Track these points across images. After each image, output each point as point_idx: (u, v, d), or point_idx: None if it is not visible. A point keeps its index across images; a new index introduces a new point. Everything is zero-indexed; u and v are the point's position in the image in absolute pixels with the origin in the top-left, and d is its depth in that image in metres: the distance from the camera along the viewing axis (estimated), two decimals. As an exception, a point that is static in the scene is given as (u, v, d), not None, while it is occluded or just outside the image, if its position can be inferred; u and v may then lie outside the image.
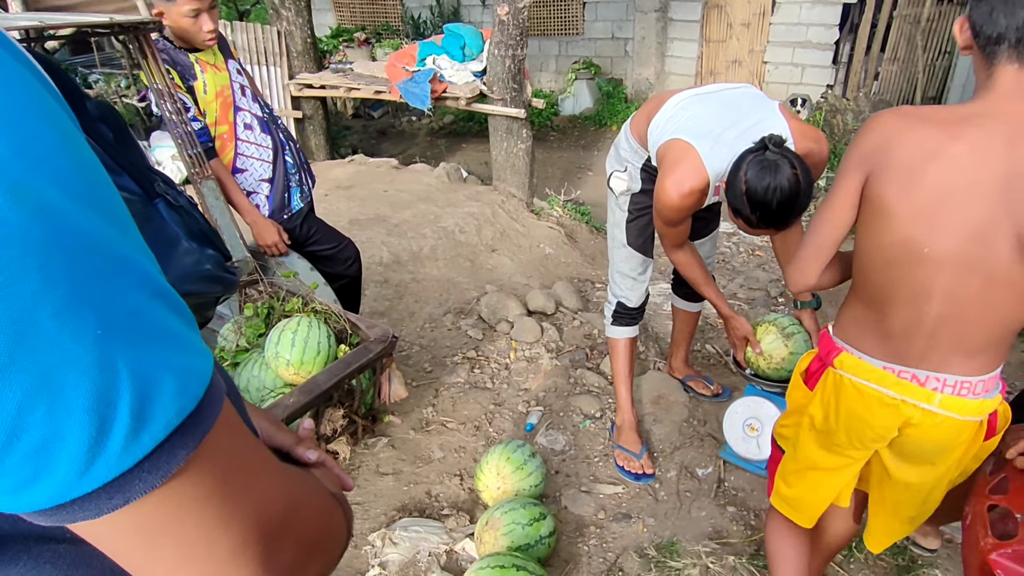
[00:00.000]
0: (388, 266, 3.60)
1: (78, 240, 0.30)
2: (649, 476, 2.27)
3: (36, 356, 0.28)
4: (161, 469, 0.32)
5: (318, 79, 5.27)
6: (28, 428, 0.28)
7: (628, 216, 2.15)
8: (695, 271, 2.04)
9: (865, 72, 7.00)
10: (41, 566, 0.38)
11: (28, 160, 0.29)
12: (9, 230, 0.27)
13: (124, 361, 0.31)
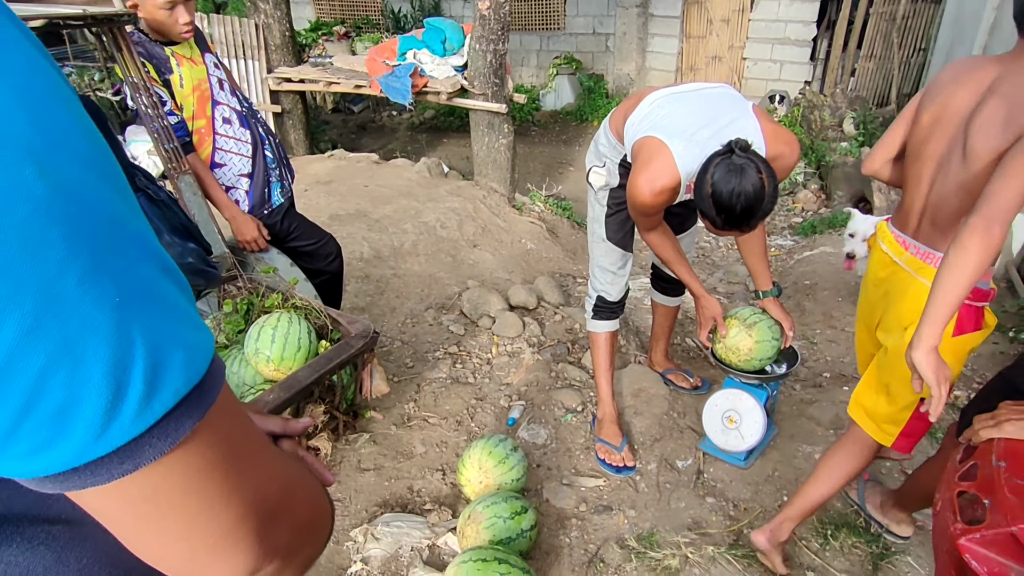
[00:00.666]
0: (369, 262, 3.59)
1: (97, 212, 0.31)
2: (630, 469, 2.29)
3: (60, 321, 0.29)
4: (169, 436, 0.33)
5: (297, 73, 5.21)
6: (49, 392, 0.29)
7: (607, 211, 2.16)
8: (668, 250, 2.06)
9: (842, 68, 7.09)
10: (35, 548, 0.38)
11: (49, 135, 0.30)
12: (36, 201, 0.28)
13: (139, 330, 0.32)
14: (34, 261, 0.28)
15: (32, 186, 0.28)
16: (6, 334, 0.28)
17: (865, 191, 4.71)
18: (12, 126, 0.28)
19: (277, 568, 0.42)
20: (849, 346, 3.08)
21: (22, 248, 0.28)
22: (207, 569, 0.39)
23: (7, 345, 0.28)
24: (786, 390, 2.72)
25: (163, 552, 0.37)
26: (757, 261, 2.14)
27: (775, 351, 2.12)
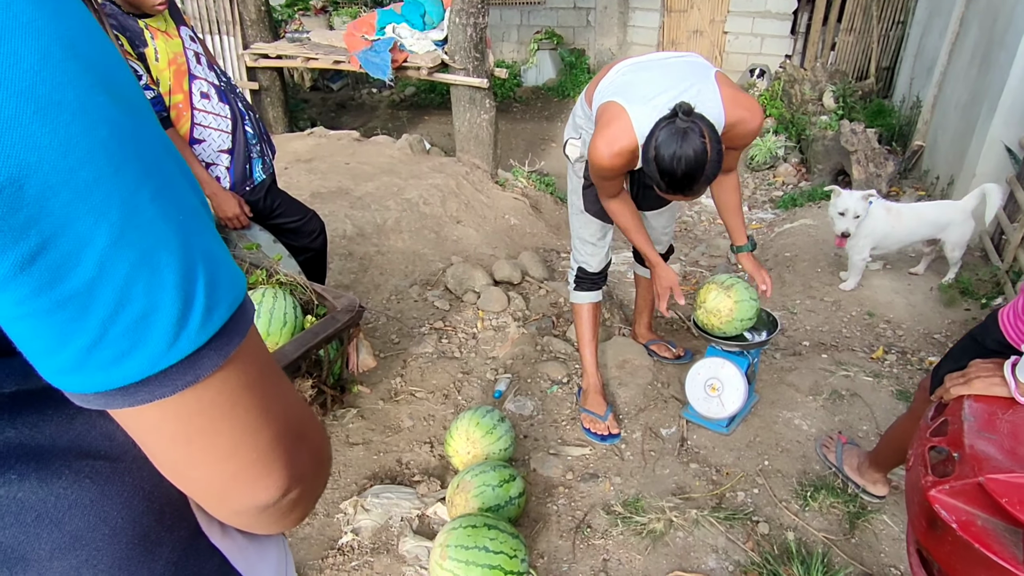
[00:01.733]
0: (352, 239, 3.57)
1: (157, 138, 0.34)
2: (614, 437, 2.33)
3: (140, 233, 0.32)
4: (223, 350, 0.36)
5: (274, 49, 5.12)
6: (132, 299, 0.32)
7: (584, 183, 2.18)
8: (627, 219, 2.09)
9: (822, 42, 7.11)
10: (81, 481, 0.40)
11: (112, 66, 0.33)
12: (113, 124, 0.31)
13: (198, 248, 0.35)
14: (117, 177, 0.31)
15: (108, 110, 0.31)
16: (99, 241, 0.30)
17: (844, 164, 4.76)
18: (88, 55, 0.31)
19: (299, 495, 0.45)
20: (828, 315, 3.14)
21: (108, 164, 0.31)
22: (247, 488, 0.41)
23: (99, 252, 0.30)
24: (767, 358, 2.78)
25: (208, 471, 0.40)
26: (731, 216, 2.20)
27: (755, 310, 2.17)
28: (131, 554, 0.42)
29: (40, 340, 0.31)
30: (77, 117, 0.30)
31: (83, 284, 0.30)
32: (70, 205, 0.29)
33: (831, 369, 2.65)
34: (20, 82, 0.28)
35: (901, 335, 2.97)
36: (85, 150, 0.30)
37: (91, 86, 0.31)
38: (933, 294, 3.21)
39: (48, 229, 0.29)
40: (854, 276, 3.26)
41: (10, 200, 0.28)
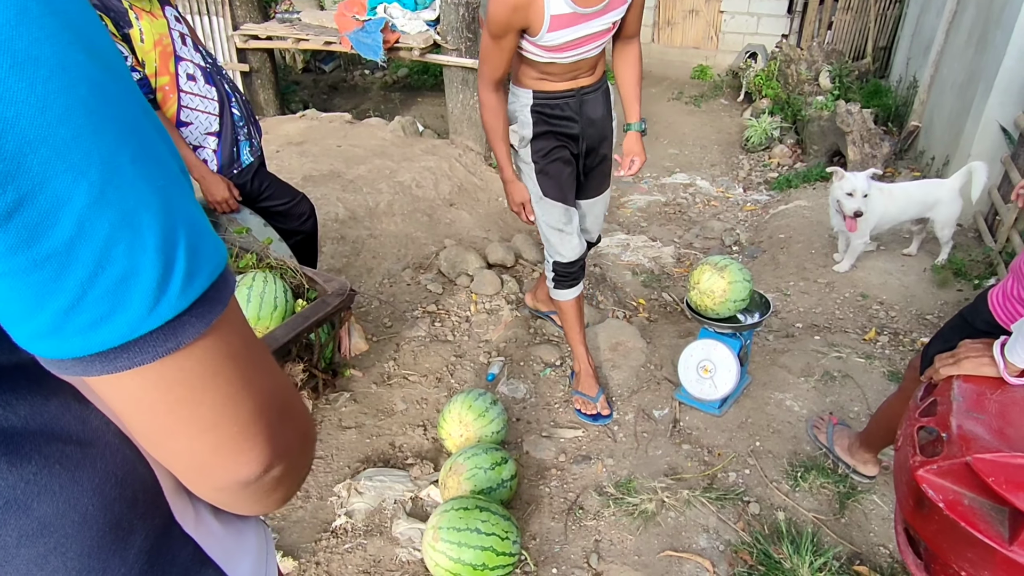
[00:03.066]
0: (344, 222, 3.55)
1: (137, 100, 0.34)
2: (606, 417, 2.34)
3: (120, 193, 0.31)
4: (204, 318, 0.36)
5: (264, 30, 5.04)
6: (112, 260, 0.32)
7: (536, 167, 2.14)
8: (496, 120, 2.05)
9: (819, 21, 7.05)
10: (51, 466, 0.39)
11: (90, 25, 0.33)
12: (92, 82, 0.31)
13: (180, 212, 0.35)
14: (96, 136, 0.31)
15: (87, 68, 0.31)
16: (78, 200, 0.30)
17: (840, 145, 4.74)
18: (67, 12, 0.31)
19: (282, 472, 0.44)
20: (821, 297, 3.14)
21: (87, 122, 0.30)
22: (228, 462, 0.41)
23: (78, 211, 0.30)
24: (759, 340, 2.78)
25: (189, 444, 0.39)
26: (629, 91, 2.18)
27: (748, 292, 2.17)
28: (102, 542, 0.42)
29: (16, 302, 0.31)
30: (55, 73, 0.29)
31: (61, 243, 0.30)
32: (48, 162, 0.29)
33: (823, 351, 2.66)
34: None
35: (894, 316, 2.97)
36: (63, 107, 0.30)
37: (69, 43, 0.30)
38: (926, 275, 3.21)
39: (25, 186, 0.29)
40: (850, 258, 3.26)
41: None
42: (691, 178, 4.99)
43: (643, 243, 3.73)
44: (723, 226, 4.09)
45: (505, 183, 2.17)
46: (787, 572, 1.73)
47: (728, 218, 4.28)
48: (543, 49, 1.88)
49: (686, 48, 7.89)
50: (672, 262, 3.57)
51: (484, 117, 2.06)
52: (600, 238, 2.55)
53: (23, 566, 0.39)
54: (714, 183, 4.92)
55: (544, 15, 1.76)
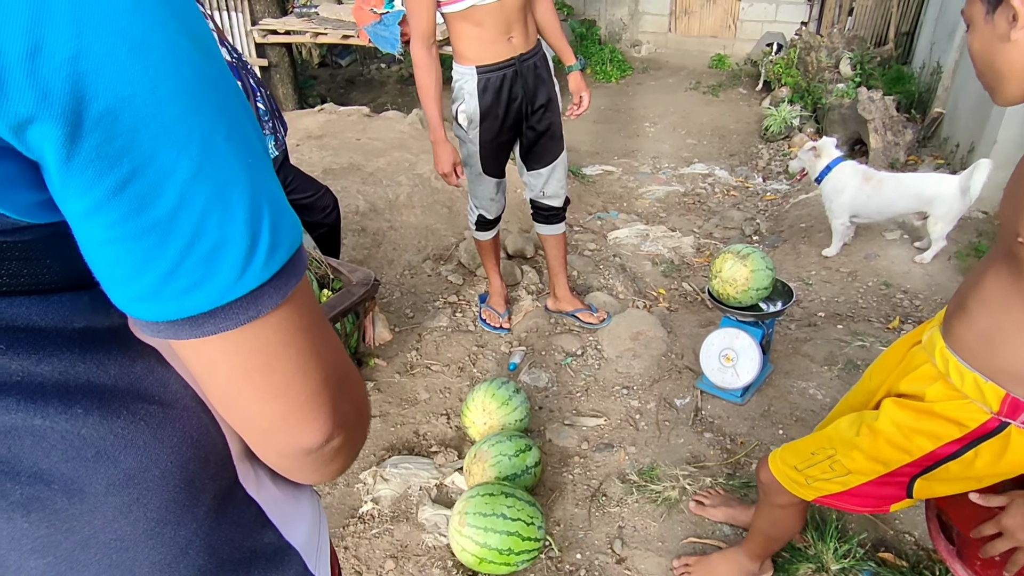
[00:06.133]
0: (365, 215, 3.58)
1: (230, 84, 0.37)
2: (505, 330, 2.75)
3: (215, 168, 0.34)
4: (282, 289, 0.38)
5: (282, 24, 5.09)
6: (207, 231, 0.34)
7: (480, 149, 2.28)
8: (428, 79, 2.12)
9: (839, 7, 6.94)
10: (136, 423, 0.42)
11: (192, 14, 0.35)
12: (195, 65, 0.34)
13: (264, 189, 0.37)
14: (197, 115, 0.33)
15: (191, 53, 0.33)
16: (180, 173, 0.33)
17: (861, 133, 4.68)
18: (177, 6, 0.33)
19: (341, 443, 0.46)
20: (844, 286, 3.12)
21: (190, 101, 0.33)
22: (295, 429, 0.43)
23: (180, 183, 0.33)
24: (781, 329, 2.77)
25: (260, 409, 0.41)
26: (557, 38, 2.37)
27: (770, 280, 2.16)
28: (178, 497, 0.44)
29: (122, 266, 0.34)
30: (165, 57, 0.32)
31: (165, 213, 0.33)
32: (157, 137, 0.32)
33: (846, 339, 2.64)
34: (117, 22, 0.30)
35: (918, 305, 2.94)
36: (171, 87, 0.32)
37: (176, 30, 0.33)
38: (951, 263, 3.17)
39: (138, 158, 0.32)
40: (836, 241, 3.27)
41: (107, 129, 0.31)
42: (710, 168, 4.96)
43: (662, 233, 3.71)
44: (743, 216, 4.06)
45: (435, 144, 2.24)
46: (811, 559, 1.73)
47: (748, 207, 4.25)
48: None
49: (703, 37, 7.81)
50: (692, 252, 3.56)
51: (416, 76, 2.15)
52: (568, 200, 2.62)
53: (109, 513, 0.42)
54: (733, 173, 4.88)
55: None
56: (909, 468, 1.12)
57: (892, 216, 3.20)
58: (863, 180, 3.04)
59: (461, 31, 2.09)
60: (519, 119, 2.28)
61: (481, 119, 2.20)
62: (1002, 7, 0.85)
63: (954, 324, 1.07)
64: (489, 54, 2.11)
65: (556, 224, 2.62)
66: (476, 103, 2.17)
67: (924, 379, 1.10)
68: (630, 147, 5.57)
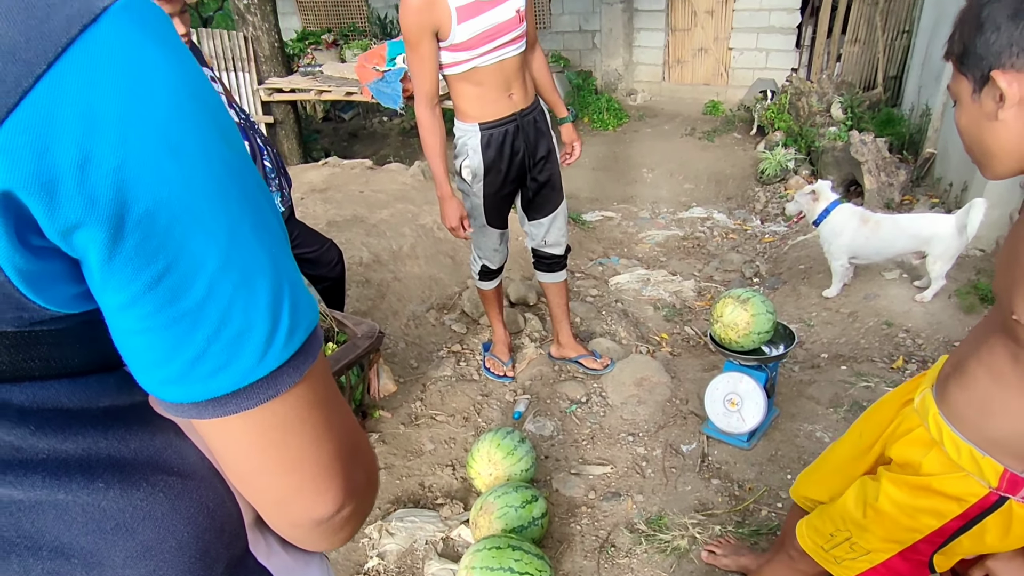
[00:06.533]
0: (369, 266, 3.63)
1: (253, 174, 0.40)
2: (509, 378, 2.78)
3: (241, 257, 0.36)
4: (299, 368, 0.40)
5: (288, 83, 5.25)
6: (232, 317, 0.36)
7: (483, 201, 2.34)
8: (433, 138, 2.19)
9: (828, 54, 7.15)
10: (155, 494, 0.43)
11: (220, 108, 0.38)
12: (226, 162, 0.37)
13: (285, 273, 0.39)
14: (226, 208, 0.36)
15: (221, 149, 0.36)
16: (210, 265, 0.35)
17: (855, 175, 4.76)
18: (206, 101, 0.36)
19: (351, 512, 0.48)
20: (845, 327, 3.13)
21: (220, 196, 0.36)
22: (308, 501, 0.44)
23: (210, 274, 0.35)
24: (785, 372, 2.77)
25: (275, 481, 0.43)
26: (550, 94, 2.44)
27: (771, 323, 2.18)
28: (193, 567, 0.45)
29: (153, 353, 0.36)
30: (198, 155, 0.35)
31: (195, 303, 0.35)
32: (189, 232, 0.34)
33: (851, 380, 2.64)
34: (158, 129, 0.33)
35: (921, 344, 2.95)
36: (203, 183, 0.35)
37: (209, 129, 0.36)
38: (952, 301, 3.19)
39: (172, 253, 0.34)
40: (836, 282, 3.30)
41: (146, 229, 0.33)
42: (708, 211, 5.03)
43: (663, 278, 3.75)
44: (742, 258, 4.10)
45: (441, 199, 2.28)
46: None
47: (747, 250, 4.30)
48: (462, 48, 2.03)
49: (697, 85, 8.02)
50: (693, 296, 3.58)
51: (422, 135, 2.21)
52: (569, 248, 2.68)
53: None
54: (731, 216, 4.95)
55: (450, 8, 1.95)
56: (923, 545, 1.10)
57: (891, 257, 3.23)
58: (860, 222, 3.09)
59: (463, 91, 2.16)
60: (522, 172, 2.33)
61: (485, 173, 2.26)
62: (988, 86, 0.85)
63: (949, 390, 1.06)
64: (491, 111, 2.18)
65: (558, 272, 2.66)
66: (480, 158, 2.23)
67: (918, 445, 1.09)
68: (629, 193, 5.66)
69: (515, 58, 2.12)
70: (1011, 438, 0.97)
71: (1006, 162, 0.89)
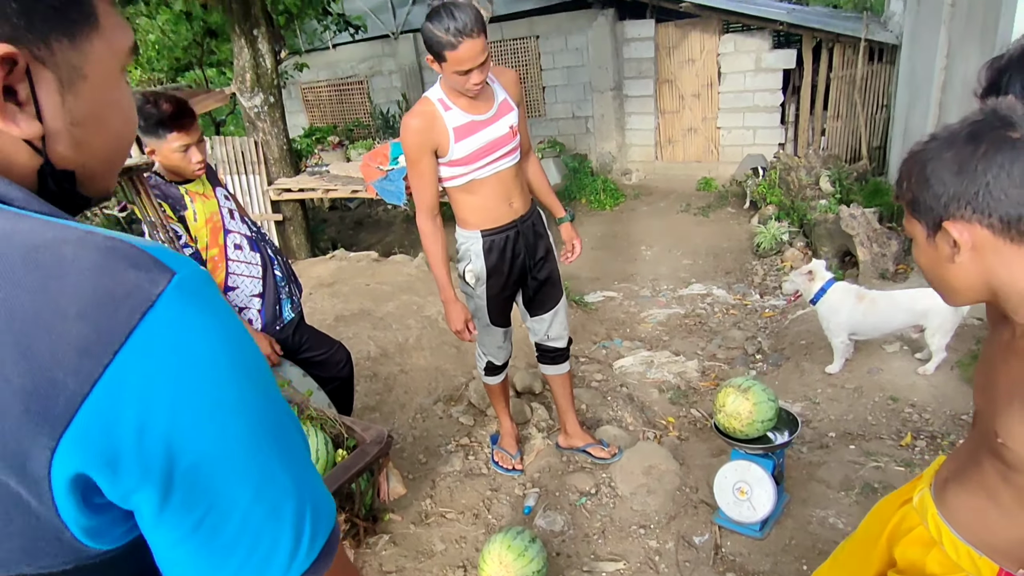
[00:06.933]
0: (376, 360, 3.69)
1: (281, 406, 0.44)
2: (519, 471, 2.79)
3: (270, 488, 0.42)
4: (320, 570, 0.45)
5: (296, 183, 5.50)
6: (262, 542, 0.41)
7: (487, 303, 2.43)
8: (435, 246, 2.29)
9: (812, 129, 7.45)
10: None
11: (255, 357, 0.43)
12: (257, 410, 0.41)
13: (308, 490, 0.45)
14: (258, 449, 0.41)
15: (255, 399, 0.42)
16: (243, 501, 0.40)
17: (849, 246, 4.88)
18: (243, 357, 0.42)
19: None
20: (851, 403, 3.14)
21: (253, 441, 0.41)
22: None
23: (243, 509, 0.40)
24: (793, 453, 2.77)
25: None
26: (547, 196, 2.57)
27: (774, 411, 2.21)
28: None
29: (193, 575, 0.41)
30: (237, 411, 0.41)
31: (231, 536, 0.40)
32: (227, 477, 0.40)
33: (860, 461, 2.63)
34: (202, 395, 0.39)
35: (928, 418, 2.95)
36: (239, 434, 0.40)
37: (245, 384, 0.42)
38: (954, 373, 3.21)
39: (212, 497, 0.39)
40: (838, 359, 3.34)
41: (191, 481, 0.38)
42: (707, 287, 5.12)
43: (667, 359, 3.79)
44: (744, 335, 4.15)
45: (446, 304, 2.37)
46: None
47: (748, 326, 4.35)
48: (460, 164, 2.16)
49: (688, 162, 8.32)
50: (697, 376, 3.61)
51: (424, 244, 2.33)
52: (571, 340, 2.75)
53: None
54: (730, 291, 5.04)
55: (447, 129, 2.10)
56: None
57: (889, 332, 3.28)
58: (857, 300, 3.15)
59: (463, 201, 2.28)
60: (523, 273, 2.42)
61: (488, 276, 2.35)
62: (942, 232, 0.87)
63: (948, 492, 1.10)
64: (491, 219, 2.29)
65: (562, 364, 2.71)
66: (482, 263, 2.32)
67: (920, 544, 1.12)
68: (629, 271, 5.78)
69: (511, 168, 2.26)
70: (1007, 544, 1.00)
71: (968, 295, 0.93)
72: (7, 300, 0.36)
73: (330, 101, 10.78)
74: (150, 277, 0.39)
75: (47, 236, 0.39)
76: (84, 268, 0.38)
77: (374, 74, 10.18)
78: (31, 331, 0.36)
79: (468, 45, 1.91)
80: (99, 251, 0.39)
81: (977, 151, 0.84)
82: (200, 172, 2.28)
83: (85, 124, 0.45)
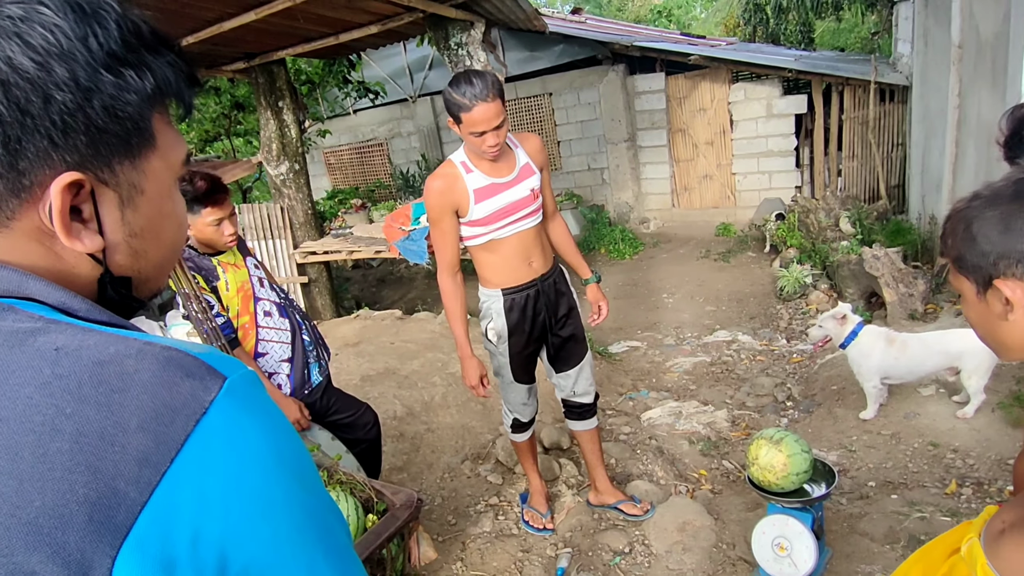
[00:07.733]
0: (402, 419, 3.69)
1: (326, 501, 0.46)
2: (549, 530, 2.72)
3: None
4: None
5: (321, 246, 5.63)
6: None
7: (511, 362, 2.45)
8: (454, 303, 2.34)
9: (828, 171, 7.47)
10: None
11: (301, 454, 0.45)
12: (304, 507, 0.43)
13: None
14: (304, 544, 0.43)
15: (302, 497, 0.44)
16: None
17: (874, 287, 4.82)
18: (290, 457, 0.44)
19: None
20: (889, 450, 3.05)
21: (299, 536, 0.43)
22: None
23: None
24: (833, 506, 2.68)
25: None
26: (572, 257, 2.57)
27: (809, 463, 2.15)
28: None
29: None
30: (285, 511, 0.42)
31: None
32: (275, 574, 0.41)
33: (904, 511, 2.54)
34: (252, 499, 0.41)
35: (972, 464, 2.85)
36: (286, 532, 0.42)
37: (292, 483, 0.44)
38: (996, 415, 3.11)
39: None
40: (871, 404, 3.27)
41: None
42: (732, 334, 5.08)
43: (695, 409, 3.74)
44: (773, 381, 4.09)
45: (462, 359, 2.41)
46: None
47: (777, 372, 4.29)
48: (480, 224, 2.21)
49: (706, 209, 8.37)
50: (727, 426, 3.55)
51: (444, 301, 2.38)
52: (598, 395, 2.74)
53: None
54: (756, 336, 4.98)
55: (468, 190, 2.16)
56: None
57: (923, 376, 3.21)
58: (887, 343, 3.10)
59: (484, 260, 2.34)
60: (544, 331, 2.45)
61: (510, 334, 2.38)
62: (993, 290, 0.85)
63: (1004, 545, 1.07)
64: (512, 278, 2.33)
65: (589, 419, 2.69)
66: (504, 321, 2.36)
67: None
68: (652, 319, 5.76)
69: (532, 229, 2.31)
70: None
71: (1022, 351, 0.91)
72: (75, 415, 0.39)
73: (351, 164, 11.11)
74: (203, 385, 0.42)
75: (110, 351, 0.42)
76: (145, 381, 0.41)
77: (393, 136, 10.51)
78: (97, 445, 0.39)
79: (482, 108, 2.00)
80: (157, 362, 0.42)
81: None
82: (232, 244, 2.37)
83: (143, 235, 0.49)
